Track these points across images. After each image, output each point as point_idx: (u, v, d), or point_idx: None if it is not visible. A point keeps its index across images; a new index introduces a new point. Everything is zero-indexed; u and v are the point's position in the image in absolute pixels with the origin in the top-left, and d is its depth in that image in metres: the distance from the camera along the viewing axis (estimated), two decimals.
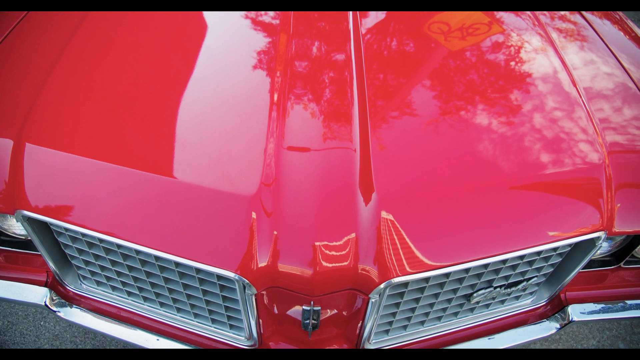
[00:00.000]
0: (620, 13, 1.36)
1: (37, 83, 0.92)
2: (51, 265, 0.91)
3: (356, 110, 0.88)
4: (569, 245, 0.85)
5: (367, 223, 0.73)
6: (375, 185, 0.77)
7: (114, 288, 0.94)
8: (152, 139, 0.83)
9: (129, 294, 0.93)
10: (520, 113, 0.94)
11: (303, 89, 0.92)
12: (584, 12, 1.31)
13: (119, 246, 0.79)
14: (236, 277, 0.72)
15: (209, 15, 1.16)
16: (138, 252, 0.79)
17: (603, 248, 1.01)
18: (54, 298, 0.94)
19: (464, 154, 0.85)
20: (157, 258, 0.78)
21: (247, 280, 0.72)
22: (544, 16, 1.26)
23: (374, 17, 1.19)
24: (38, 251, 0.89)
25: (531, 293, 1.00)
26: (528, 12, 1.25)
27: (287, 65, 0.97)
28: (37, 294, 0.94)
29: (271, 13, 1.17)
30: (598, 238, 0.83)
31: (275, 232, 0.72)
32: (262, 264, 0.72)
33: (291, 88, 0.92)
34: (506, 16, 1.25)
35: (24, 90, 0.92)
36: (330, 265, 0.71)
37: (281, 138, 0.82)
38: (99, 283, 0.95)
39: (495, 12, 1.25)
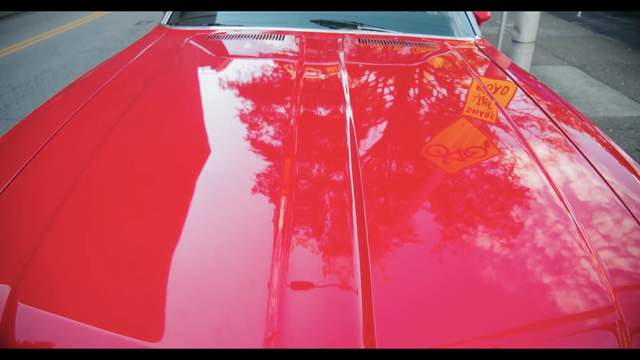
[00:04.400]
0: (598, 129, 1.42)
1: (37, 236, 0.91)
2: None
3: (356, 240, 0.86)
4: None
5: None
6: (378, 345, 0.72)
7: None
8: (151, 297, 0.79)
9: None
10: (517, 244, 0.91)
11: (306, 214, 0.91)
12: (563, 125, 1.36)
13: None
14: None
15: (214, 146, 1.19)
16: None
17: None
18: None
19: (467, 294, 0.81)
20: None
21: None
22: (527, 131, 1.30)
23: (373, 138, 1.23)
24: None
25: None
26: (512, 128, 1.29)
27: (292, 188, 0.97)
28: None
29: (273, 131, 1.22)
30: None
31: None
32: None
33: (296, 214, 0.91)
34: (495, 131, 1.29)
35: (23, 242, 0.90)
36: None
37: (285, 271, 0.79)
38: None
39: (488, 129, 1.30)
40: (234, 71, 1.65)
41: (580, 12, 8.80)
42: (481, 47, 2.02)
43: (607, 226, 0.98)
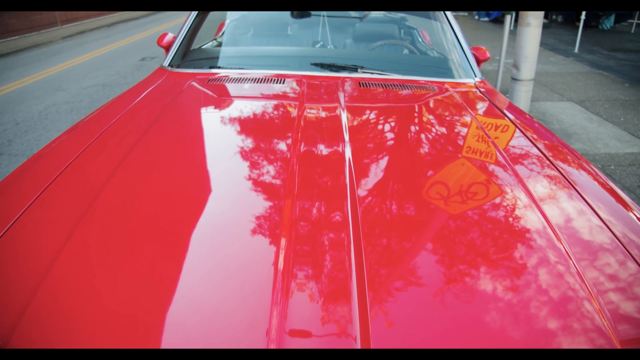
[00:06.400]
0: (596, 167, 1.42)
1: (32, 286, 0.88)
2: None
3: (354, 284, 0.84)
4: None
5: None
6: None
7: None
8: (148, 343, 0.77)
9: None
10: (517, 288, 0.89)
11: (305, 258, 0.90)
12: (561, 165, 1.35)
13: None
14: None
15: (216, 187, 1.19)
16: None
17: None
18: None
19: (469, 342, 0.78)
20: None
21: None
22: (525, 173, 1.29)
23: (371, 178, 1.23)
24: None
25: None
26: (511, 170, 1.29)
27: (291, 230, 0.97)
28: None
29: (274, 172, 1.23)
30: None
31: None
32: None
33: (295, 258, 0.90)
34: (494, 173, 1.29)
35: (17, 293, 0.87)
36: None
37: (284, 319, 0.77)
38: None
39: (488, 170, 1.30)
40: (235, 114, 1.65)
41: (577, 48, 8.97)
42: (481, 89, 2.04)
43: (607, 267, 0.96)
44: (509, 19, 5.29)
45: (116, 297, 0.85)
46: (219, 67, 2.18)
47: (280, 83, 1.93)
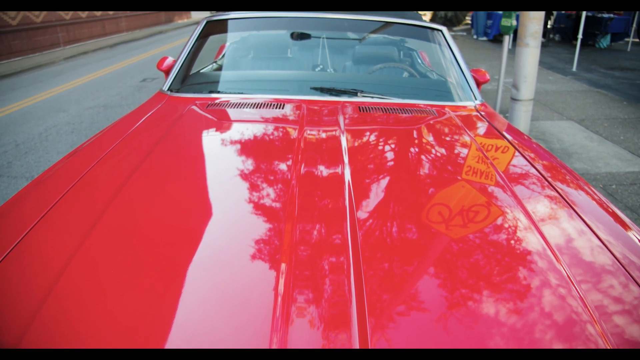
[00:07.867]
0: (594, 188, 1.41)
1: (30, 312, 0.86)
2: None
3: (354, 310, 0.83)
4: None
5: None
6: None
7: None
8: None
9: None
10: (520, 312, 0.88)
11: (305, 284, 0.89)
12: (560, 186, 1.35)
13: None
14: None
15: (217, 211, 1.18)
16: None
17: None
18: None
19: None
20: None
21: None
22: (525, 195, 1.28)
23: (370, 201, 1.22)
24: None
25: None
26: (511, 193, 1.29)
27: (291, 255, 0.96)
28: None
29: (274, 195, 1.23)
30: None
31: None
32: None
33: (295, 284, 0.89)
34: (494, 196, 1.29)
35: (16, 318, 0.86)
36: None
37: (284, 346, 0.76)
38: None
39: (488, 194, 1.30)
40: (235, 137, 1.65)
41: (575, 67, 9.04)
42: (481, 112, 2.03)
43: (609, 289, 0.95)
44: (507, 38, 5.34)
45: (114, 321, 0.84)
46: (219, 92, 2.19)
47: (280, 108, 1.93)
